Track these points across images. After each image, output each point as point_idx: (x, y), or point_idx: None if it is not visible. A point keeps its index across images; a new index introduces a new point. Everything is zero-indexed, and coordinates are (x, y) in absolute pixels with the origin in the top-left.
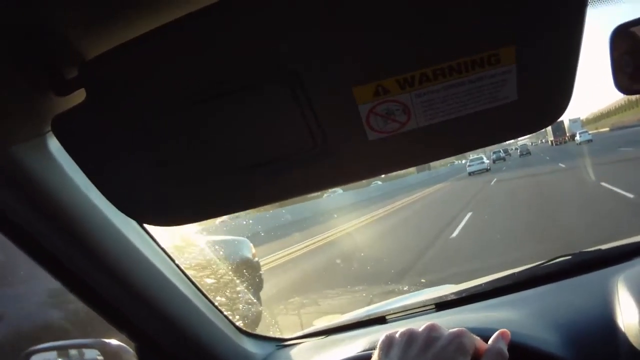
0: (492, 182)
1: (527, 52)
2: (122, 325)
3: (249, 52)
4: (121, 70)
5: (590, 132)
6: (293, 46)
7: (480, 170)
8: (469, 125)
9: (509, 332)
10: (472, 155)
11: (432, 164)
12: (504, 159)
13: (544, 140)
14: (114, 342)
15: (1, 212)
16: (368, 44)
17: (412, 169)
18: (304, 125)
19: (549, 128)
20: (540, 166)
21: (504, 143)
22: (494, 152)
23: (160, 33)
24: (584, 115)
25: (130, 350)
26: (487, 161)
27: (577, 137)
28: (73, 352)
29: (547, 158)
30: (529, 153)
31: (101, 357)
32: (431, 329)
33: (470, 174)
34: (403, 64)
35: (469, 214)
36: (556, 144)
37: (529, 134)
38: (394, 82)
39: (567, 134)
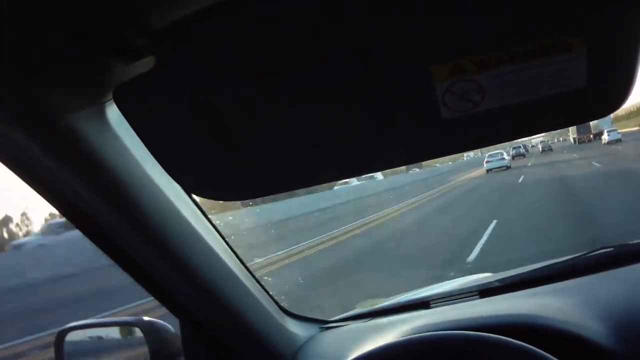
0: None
1: (596, 41)
2: (168, 302)
3: (325, 25)
4: (193, 40)
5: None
6: (374, 21)
7: (500, 167)
8: (536, 110)
9: None
10: (486, 151)
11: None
12: (524, 155)
13: (561, 139)
14: (154, 319)
15: (55, 182)
16: (450, 23)
17: (401, 168)
18: (378, 100)
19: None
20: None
21: (522, 140)
22: (514, 148)
23: (233, 4)
24: None
25: (171, 328)
26: (508, 157)
27: (605, 136)
28: (112, 330)
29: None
30: (550, 149)
31: (142, 335)
32: None
33: (488, 170)
34: (481, 45)
35: None
36: (579, 143)
37: (592, 120)
38: (471, 62)
39: (592, 132)
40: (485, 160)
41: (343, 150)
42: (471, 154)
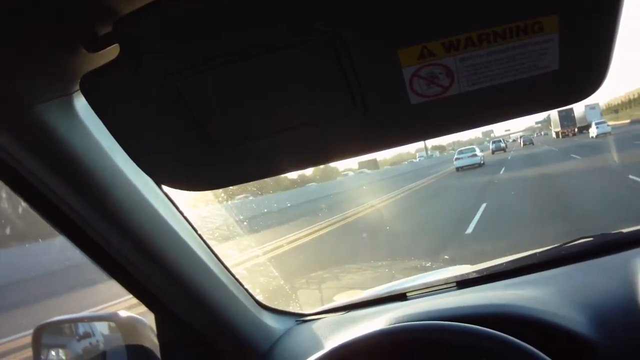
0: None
1: (570, 21)
2: (141, 295)
3: (291, 10)
4: (158, 27)
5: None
6: (338, 4)
7: (471, 164)
8: (509, 94)
9: None
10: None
11: (382, 160)
12: (504, 149)
13: (542, 133)
14: (129, 314)
15: (22, 173)
16: (416, 5)
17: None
18: (345, 86)
19: (555, 117)
20: None
21: (501, 134)
22: (494, 142)
23: None
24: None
25: (147, 322)
26: (481, 154)
27: (593, 129)
28: (89, 325)
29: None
30: (532, 143)
31: (118, 330)
32: None
33: (458, 169)
34: (449, 27)
35: None
36: (563, 136)
37: (566, 105)
38: (439, 44)
39: (577, 125)
40: (455, 157)
41: (313, 136)
42: (423, 153)
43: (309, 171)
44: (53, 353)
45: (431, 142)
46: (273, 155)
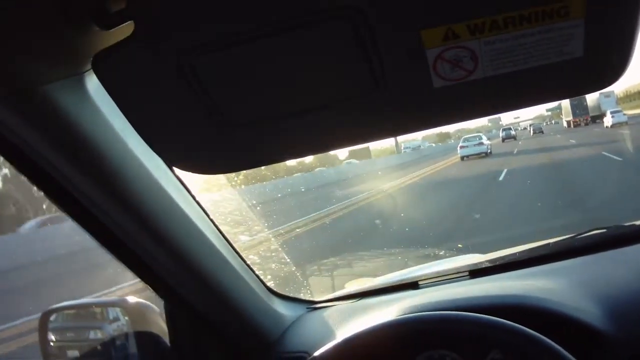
0: None
1: (596, 7)
2: (150, 279)
3: None
4: (173, 3)
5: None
6: None
7: (477, 153)
8: (532, 80)
9: None
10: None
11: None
12: (514, 137)
13: (553, 122)
14: (137, 300)
15: (31, 155)
16: None
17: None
18: (366, 67)
19: (567, 105)
20: None
21: (510, 122)
22: (504, 130)
23: None
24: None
25: (156, 308)
26: (488, 142)
27: (608, 118)
28: (96, 310)
29: None
30: (541, 132)
31: (126, 316)
32: None
33: (463, 158)
34: (475, 9)
35: None
36: (574, 126)
37: (588, 92)
38: (464, 27)
39: (590, 114)
40: (460, 144)
41: (331, 119)
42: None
43: (292, 162)
44: (60, 338)
45: (431, 130)
46: (289, 139)
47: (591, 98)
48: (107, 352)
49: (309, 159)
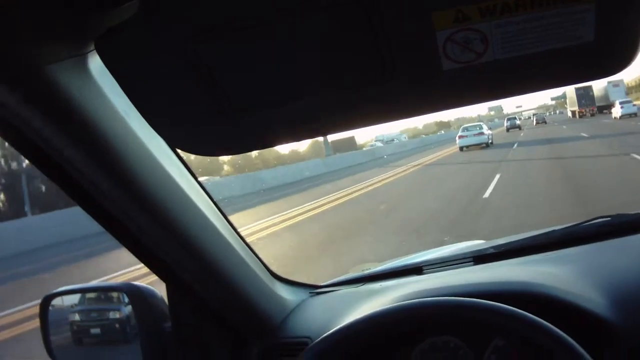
0: None
1: None
2: (152, 264)
3: None
4: None
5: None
6: None
7: (477, 144)
8: (542, 64)
9: None
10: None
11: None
12: (519, 127)
13: (557, 112)
14: (140, 284)
15: (33, 137)
16: None
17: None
18: (375, 49)
19: (572, 94)
20: None
21: (512, 111)
22: (509, 119)
23: None
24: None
25: (158, 293)
26: (488, 132)
27: (617, 108)
28: (98, 295)
29: None
30: (544, 122)
31: (128, 301)
32: None
33: (462, 148)
34: None
35: None
36: (580, 116)
37: (598, 78)
38: (475, 9)
39: (596, 104)
40: (459, 134)
41: (339, 101)
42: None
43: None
44: (61, 323)
45: (427, 118)
46: (295, 122)
47: (598, 87)
48: (109, 336)
49: None
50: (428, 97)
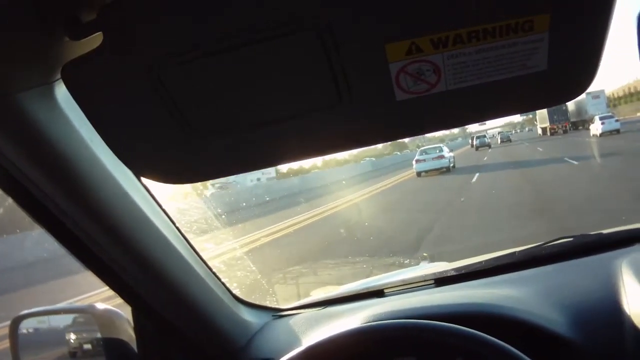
0: None
1: (560, 22)
2: (118, 287)
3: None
4: (142, 16)
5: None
6: None
7: (437, 168)
8: (496, 93)
9: None
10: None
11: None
12: (488, 145)
13: (526, 129)
14: (106, 306)
15: (1, 164)
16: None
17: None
18: (331, 79)
19: (543, 110)
20: None
21: (476, 129)
22: (478, 137)
23: None
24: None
25: (124, 315)
26: (450, 154)
27: (596, 124)
28: (64, 316)
29: None
30: (509, 140)
31: (93, 322)
32: None
33: (419, 174)
34: (438, 23)
35: None
36: (551, 133)
37: (552, 105)
38: (427, 41)
39: (570, 119)
40: (416, 157)
41: (297, 129)
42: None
43: None
44: (30, 344)
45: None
46: (255, 149)
47: (573, 100)
48: (77, 357)
49: None
50: (383, 126)
